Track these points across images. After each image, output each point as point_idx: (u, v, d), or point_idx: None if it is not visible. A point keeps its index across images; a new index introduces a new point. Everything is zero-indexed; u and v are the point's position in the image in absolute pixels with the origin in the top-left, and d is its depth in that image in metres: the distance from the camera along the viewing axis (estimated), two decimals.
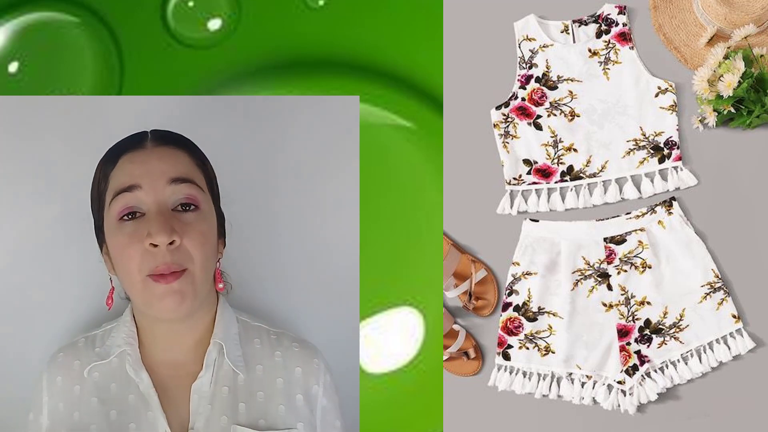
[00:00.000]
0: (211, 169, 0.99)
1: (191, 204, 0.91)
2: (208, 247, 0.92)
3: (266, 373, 0.96)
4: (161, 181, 0.90)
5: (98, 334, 1.01)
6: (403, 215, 1.22)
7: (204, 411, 0.92)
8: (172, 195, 0.90)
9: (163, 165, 0.91)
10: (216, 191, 0.99)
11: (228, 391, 0.93)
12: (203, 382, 0.93)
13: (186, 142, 0.97)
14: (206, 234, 0.91)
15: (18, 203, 1.10)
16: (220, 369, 0.95)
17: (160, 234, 0.86)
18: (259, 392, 0.95)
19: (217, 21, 1.16)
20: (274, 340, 1.00)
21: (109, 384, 0.94)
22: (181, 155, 0.94)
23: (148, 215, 0.89)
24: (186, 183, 0.91)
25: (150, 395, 0.92)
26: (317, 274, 1.18)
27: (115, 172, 0.92)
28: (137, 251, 0.87)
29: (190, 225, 0.89)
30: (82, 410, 0.92)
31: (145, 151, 0.92)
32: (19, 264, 1.11)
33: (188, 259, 0.88)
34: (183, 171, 0.92)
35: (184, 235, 0.88)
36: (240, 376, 0.95)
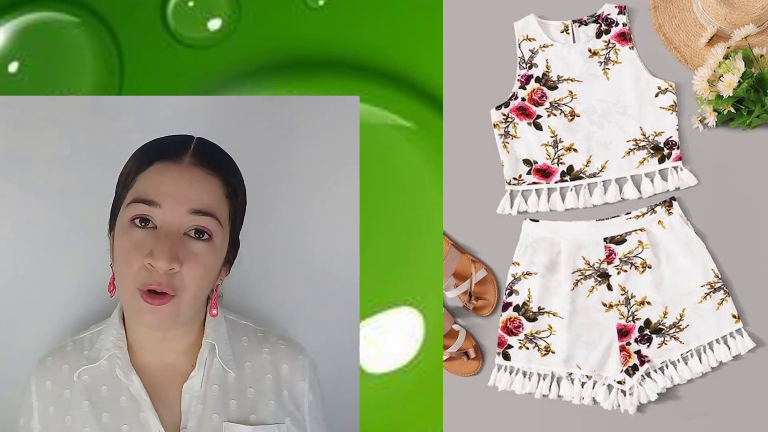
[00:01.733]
0: (242, 197, 0.97)
1: (205, 233, 0.89)
2: (206, 278, 0.90)
3: (255, 371, 0.97)
4: (183, 208, 0.88)
5: (86, 336, 1.00)
6: (403, 215, 1.22)
7: (196, 410, 0.92)
8: (188, 222, 0.88)
9: (191, 192, 0.88)
10: (238, 222, 0.97)
11: (218, 389, 0.94)
12: (194, 382, 0.94)
13: (224, 168, 0.94)
14: (209, 267, 0.90)
15: (18, 203, 1.10)
16: (210, 368, 0.95)
17: (161, 259, 0.85)
18: (249, 389, 0.96)
19: (217, 21, 1.16)
20: (261, 338, 1.01)
21: (100, 387, 0.94)
22: (213, 183, 0.91)
23: (158, 232, 0.87)
24: (207, 216, 0.89)
25: (141, 397, 0.92)
26: (317, 274, 1.18)
27: (144, 176, 0.90)
28: (136, 261, 0.87)
29: (195, 255, 0.88)
30: (74, 414, 0.92)
31: (180, 167, 0.90)
32: (20, 264, 1.11)
33: (181, 286, 0.88)
34: (208, 204, 0.89)
35: (185, 263, 0.87)
36: (230, 374, 0.96)
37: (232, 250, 0.97)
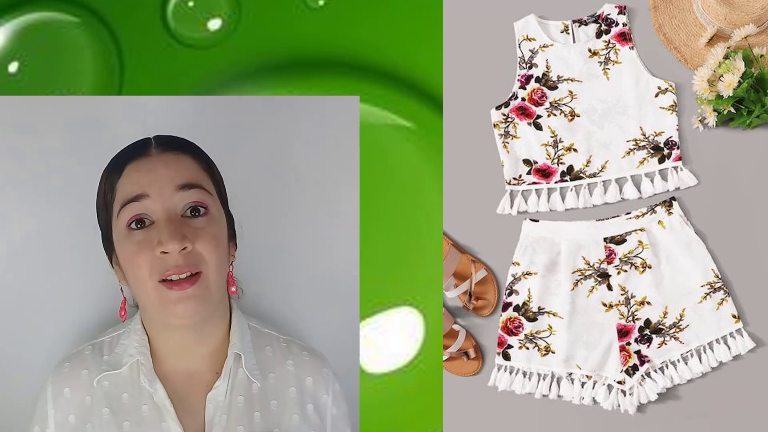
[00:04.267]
0: (217, 171, 0.98)
1: (200, 208, 0.90)
2: (221, 249, 0.91)
3: (278, 382, 0.96)
4: (169, 188, 0.89)
5: (105, 341, 0.98)
6: (403, 215, 1.22)
7: (220, 421, 0.91)
8: (180, 201, 0.89)
9: (169, 172, 0.90)
10: (224, 194, 0.98)
11: (243, 400, 0.93)
12: (219, 392, 0.92)
13: (190, 146, 0.96)
14: (218, 237, 0.90)
15: (18, 203, 1.10)
16: (235, 378, 0.94)
17: (171, 242, 0.86)
18: (273, 401, 0.94)
19: (217, 21, 1.16)
20: (284, 348, 1.00)
21: (121, 394, 0.92)
22: (186, 160, 0.93)
23: (157, 223, 0.88)
24: (194, 188, 0.90)
25: (165, 406, 0.91)
26: (317, 274, 1.18)
27: (122, 181, 0.91)
28: (147, 258, 0.87)
29: (201, 229, 0.89)
30: (94, 421, 0.91)
31: (151, 158, 0.91)
32: (20, 265, 1.11)
33: (202, 261, 0.88)
34: (190, 176, 0.91)
35: (196, 240, 0.87)
36: (255, 384, 0.94)
37: (229, 222, 0.97)
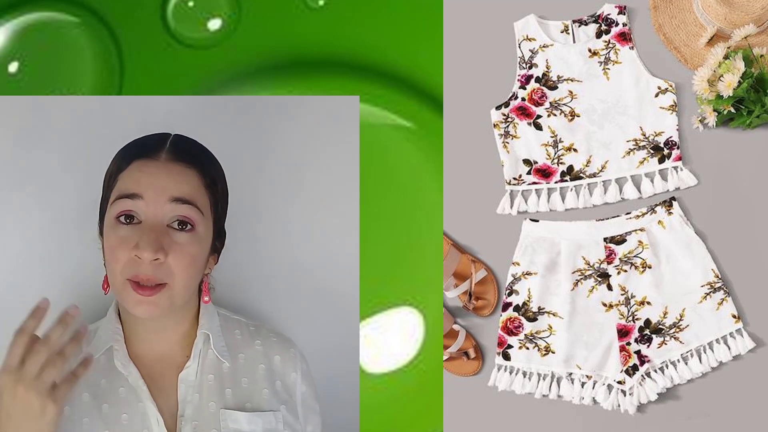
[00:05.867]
0: (222, 189, 0.99)
1: (187, 224, 0.92)
2: (194, 267, 0.93)
3: (248, 361, 1.00)
4: (163, 197, 0.91)
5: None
6: (403, 215, 1.22)
7: (192, 399, 0.95)
8: (170, 212, 0.91)
9: (169, 182, 0.92)
10: (220, 212, 1.00)
11: (214, 378, 0.97)
12: (190, 372, 0.96)
13: (201, 160, 0.97)
14: (195, 256, 0.93)
15: (18, 203, 1.10)
16: (205, 358, 0.98)
17: (146, 249, 0.88)
18: (243, 378, 0.98)
19: (217, 21, 1.16)
20: (252, 331, 1.04)
21: (99, 380, 0.95)
22: (190, 174, 0.94)
23: (143, 225, 0.90)
24: (186, 204, 0.92)
25: (139, 387, 0.94)
26: (317, 274, 1.18)
27: (124, 174, 0.93)
28: (124, 256, 0.90)
29: (180, 245, 0.91)
30: (74, 406, 0.94)
31: (158, 163, 0.93)
32: (20, 265, 1.11)
33: (170, 275, 0.90)
34: (187, 192, 0.93)
35: (170, 253, 0.90)
36: (225, 364, 0.98)
37: (218, 239, 1.00)
